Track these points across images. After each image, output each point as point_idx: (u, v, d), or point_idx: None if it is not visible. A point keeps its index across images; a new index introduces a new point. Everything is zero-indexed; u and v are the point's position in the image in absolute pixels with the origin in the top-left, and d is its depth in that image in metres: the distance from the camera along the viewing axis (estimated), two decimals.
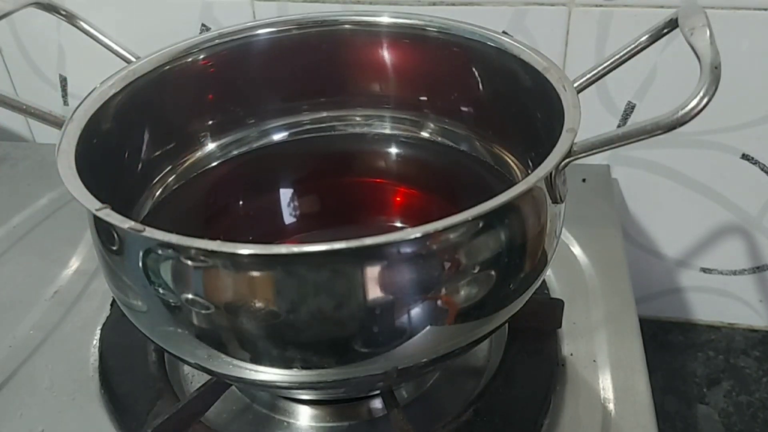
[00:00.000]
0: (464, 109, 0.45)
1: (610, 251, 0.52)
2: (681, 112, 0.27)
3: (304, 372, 0.30)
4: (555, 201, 0.32)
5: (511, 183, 0.31)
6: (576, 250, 0.52)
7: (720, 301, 0.66)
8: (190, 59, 0.43)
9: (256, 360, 0.30)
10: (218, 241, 0.26)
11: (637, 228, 0.63)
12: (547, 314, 0.43)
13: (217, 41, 0.43)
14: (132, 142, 0.42)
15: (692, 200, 0.60)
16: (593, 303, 0.47)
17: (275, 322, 0.28)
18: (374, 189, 0.50)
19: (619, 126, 0.58)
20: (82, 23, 0.43)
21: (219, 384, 0.39)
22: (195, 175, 0.46)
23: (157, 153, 0.43)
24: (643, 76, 0.55)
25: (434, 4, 0.55)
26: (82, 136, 0.34)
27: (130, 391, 0.41)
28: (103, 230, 0.31)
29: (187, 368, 0.44)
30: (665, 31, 0.36)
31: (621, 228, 0.55)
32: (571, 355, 0.44)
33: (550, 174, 0.31)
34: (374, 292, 0.28)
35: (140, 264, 0.29)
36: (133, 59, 0.41)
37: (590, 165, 0.59)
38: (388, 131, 0.48)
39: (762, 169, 0.58)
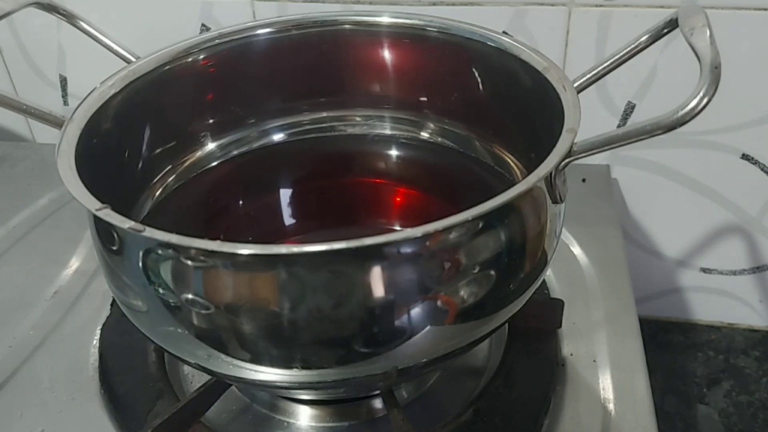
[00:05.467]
0: (464, 109, 0.45)
1: (610, 251, 0.52)
2: (681, 112, 0.27)
3: (304, 372, 0.30)
4: (555, 201, 0.32)
5: (511, 183, 0.31)
6: (576, 250, 0.52)
7: (720, 301, 0.66)
8: (190, 59, 0.43)
9: (256, 360, 0.30)
10: (218, 241, 0.26)
11: (637, 228, 0.63)
12: (547, 314, 0.43)
13: (217, 41, 0.44)
14: (132, 141, 0.42)
15: (692, 200, 0.60)
16: (593, 303, 0.47)
17: (275, 322, 0.28)
18: (374, 189, 0.50)
19: (619, 126, 0.58)
20: (82, 23, 0.43)
21: (219, 384, 0.39)
22: (195, 175, 0.46)
23: (157, 153, 0.43)
24: (643, 76, 0.55)
25: (434, 4, 0.55)
26: (82, 136, 0.34)
27: (130, 391, 0.41)
28: (103, 230, 0.31)
29: (187, 368, 0.44)
30: (665, 31, 0.36)
31: (621, 228, 0.55)
32: (571, 355, 0.44)
33: (550, 174, 0.31)
34: (374, 292, 0.28)
35: (140, 264, 0.29)
36: (133, 59, 0.41)
37: (590, 165, 0.59)
38: (388, 131, 0.48)
39: (762, 169, 0.58)
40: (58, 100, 0.68)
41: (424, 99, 0.47)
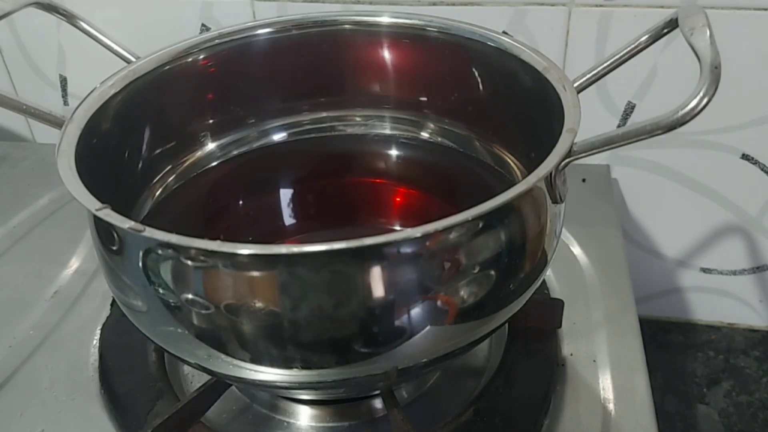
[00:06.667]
0: (464, 109, 0.45)
1: (610, 251, 0.52)
2: (681, 112, 0.27)
3: (304, 372, 0.30)
4: (555, 201, 0.32)
5: (511, 183, 0.31)
6: (576, 250, 0.52)
7: (720, 301, 0.66)
8: (190, 59, 0.43)
9: (256, 360, 0.30)
10: (218, 241, 0.26)
11: (637, 228, 0.63)
12: (547, 314, 0.43)
13: (217, 41, 0.44)
14: (132, 142, 0.42)
15: (692, 200, 0.60)
16: (593, 303, 0.47)
17: (275, 322, 0.28)
18: (374, 189, 0.50)
19: (619, 126, 0.58)
20: (82, 23, 0.43)
21: (219, 384, 0.39)
22: (195, 175, 0.46)
23: (157, 153, 0.43)
24: (643, 76, 0.55)
25: (434, 4, 0.55)
26: (82, 136, 0.34)
27: (130, 391, 0.41)
28: (103, 230, 0.31)
29: (187, 368, 0.44)
30: (665, 31, 0.36)
31: (621, 228, 0.55)
32: (571, 355, 0.44)
33: (550, 174, 0.31)
34: (374, 292, 0.28)
35: (140, 264, 0.29)
36: (133, 59, 0.41)
37: (590, 165, 0.59)
38: (388, 131, 0.48)
39: (762, 169, 0.58)
40: (58, 100, 0.68)
41: (424, 99, 0.47)
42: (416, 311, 0.29)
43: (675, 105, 0.27)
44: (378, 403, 0.40)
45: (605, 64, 0.38)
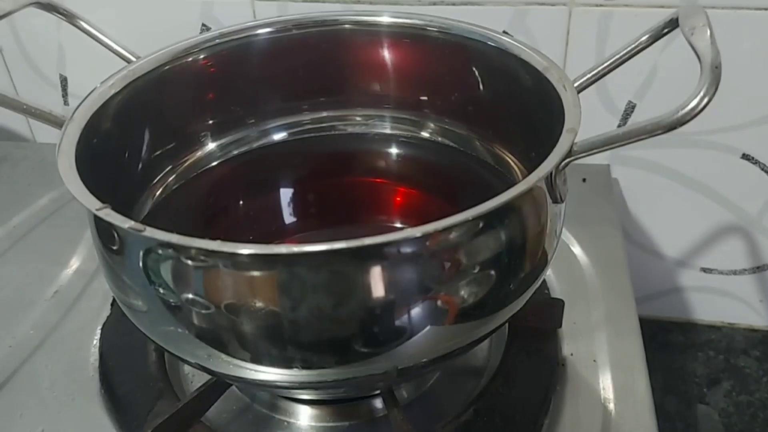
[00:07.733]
0: (464, 108, 0.45)
1: (610, 251, 0.52)
2: (681, 112, 0.27)
3: (304, 372, 0.30)
4: (555, 201, 0.32)
5: (512, 183, 0.31)
6: (576, 250, 0.52)
7: (720, 301, 0.66)
8: (190, 59, 0.43)
9: (256, 360, 0.30)
10: (218, 241, 0.26)
11: (637, 228, 0.63)
12: (547, 314, 0.43)
13: (217, 41, 0.44)
14: (132, 142, 0.42)
15: (692, 200, 0.60)
16: (593, 303, 0.47)
17: (275, 322, 0.28)
18: (374, 189, 0.50)
19: (619, 126, 0.58)
20: (82, 23, 0.43)
21: (219, 384, 0.39)
22: (195, 174, 0.46)
23: (158, 153, 0.43)
24: (643, 76, 0.55)
25: (434, 3, 0.55)
26: (83, 136, 0.34)
27: (130, 391, 0.41)
28: (104, 230, 0.31)
29: (187, 368, 0.44)
30: (665, 31, 0.36)
31: (621, 228, 0.55)
32: (571, 355, 0.44)
33: (550, 174, 0.31)
34: (374, 292, 0.28)
35: (140, 264, 0.29)
36: (133, 59, 0.41)
37: (590, 165, 0.59)
38: (388, 131, 0.48)
39: (762, 169, 0.58)
40: (58, 100, 0.68)
41: (425, 98, 0.47)
42: (416, 311, 0.29)
43: (675, 105, 0.27)
44: (378, 403, 0.40)
45: (605, 64, 0.38)
